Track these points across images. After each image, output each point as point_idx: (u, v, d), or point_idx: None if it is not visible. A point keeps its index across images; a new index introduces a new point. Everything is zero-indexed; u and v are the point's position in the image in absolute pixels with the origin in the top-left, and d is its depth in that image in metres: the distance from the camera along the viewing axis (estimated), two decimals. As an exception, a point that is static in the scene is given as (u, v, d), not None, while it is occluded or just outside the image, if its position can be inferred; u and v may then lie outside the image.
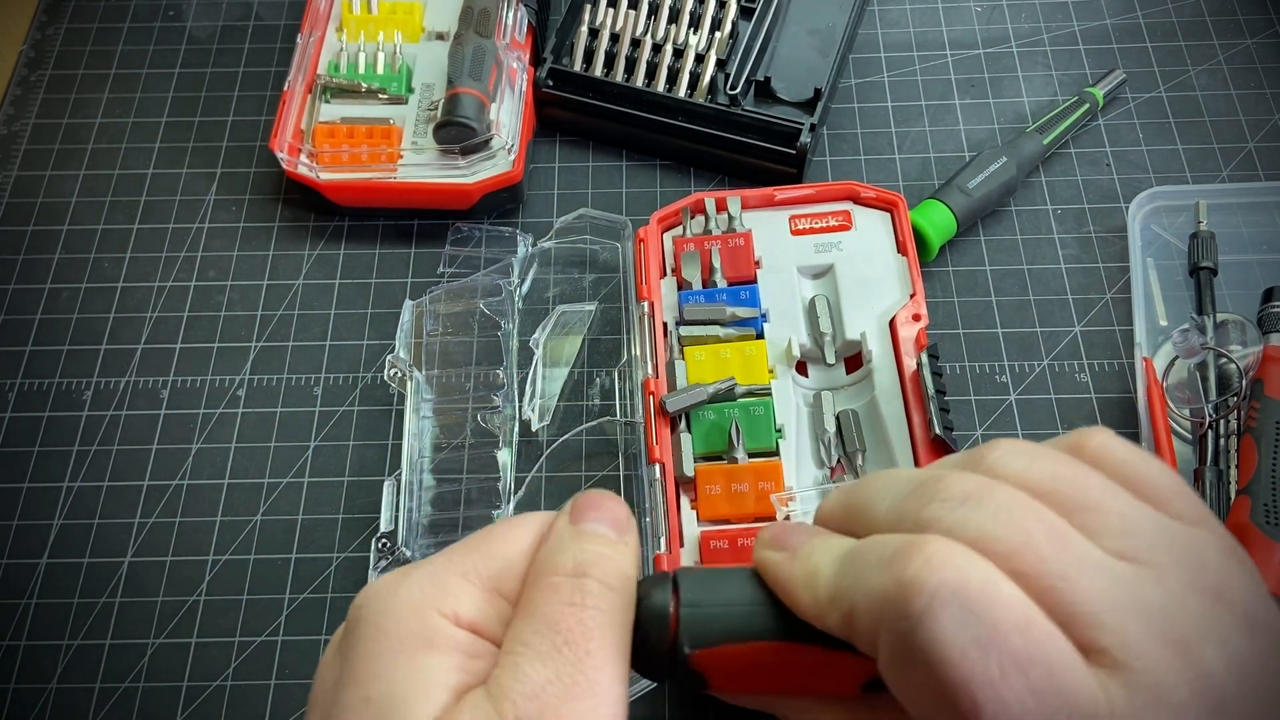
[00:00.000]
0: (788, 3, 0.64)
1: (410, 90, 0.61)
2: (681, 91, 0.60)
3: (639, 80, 0.60)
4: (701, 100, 0.59)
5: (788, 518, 0.47)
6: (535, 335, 0.55)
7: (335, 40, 0.62)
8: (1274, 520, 0.46)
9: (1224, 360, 0.52)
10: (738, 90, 0.59)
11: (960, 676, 0.20)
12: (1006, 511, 0.22)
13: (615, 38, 0.61)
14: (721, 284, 0.53)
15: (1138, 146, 0.61)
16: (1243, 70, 0.64)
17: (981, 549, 0.21)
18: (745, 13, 0.62)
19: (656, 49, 0.61)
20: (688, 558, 0.47)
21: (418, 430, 0.53)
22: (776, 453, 0.49)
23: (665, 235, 0.56)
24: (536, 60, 0.62)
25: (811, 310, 0.53)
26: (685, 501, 0.49)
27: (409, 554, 0.49)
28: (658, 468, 0.49)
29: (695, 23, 0.62)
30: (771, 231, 0.55)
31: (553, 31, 0.62)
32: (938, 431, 0.48)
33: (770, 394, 0.50)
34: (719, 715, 0.47)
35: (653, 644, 0.25)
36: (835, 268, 0.54)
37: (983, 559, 0.21)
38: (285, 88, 0.60)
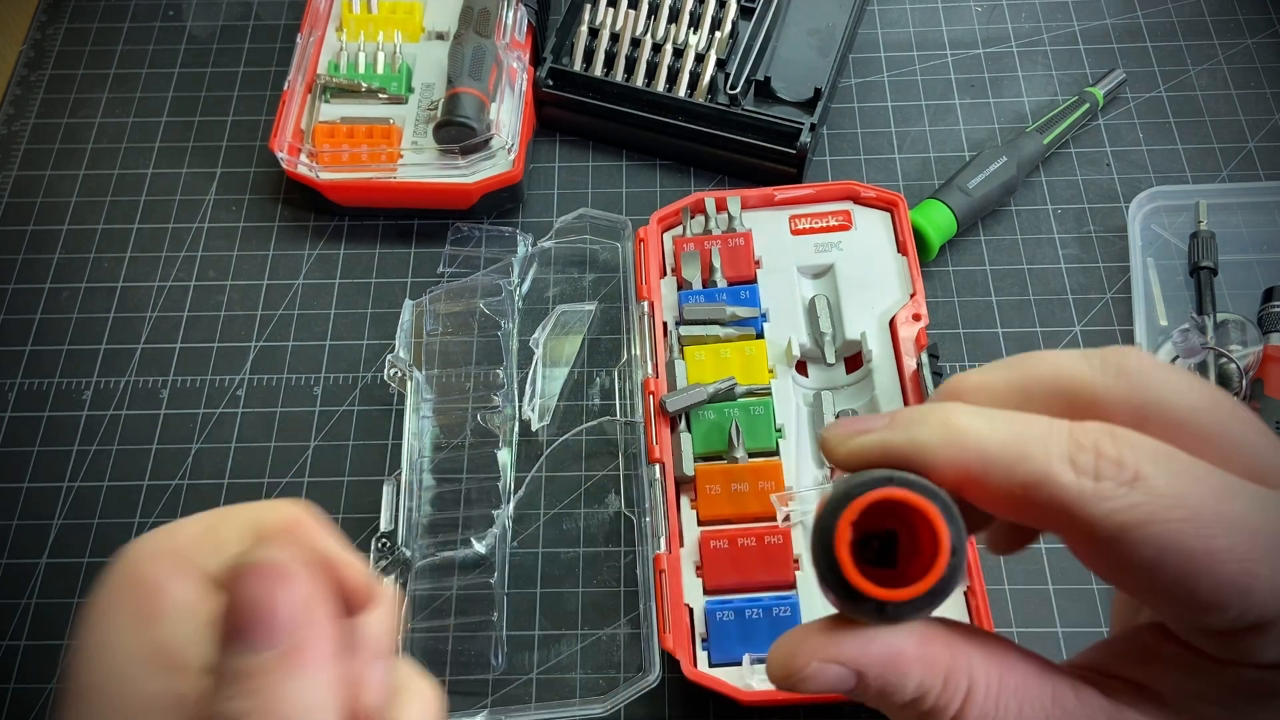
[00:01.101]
0: (788, 3, 0.64)
1: (410, 90, 0.61)
2: (681, 91, 0.60)
3: (639, 80, 0.60)
4: (701, 100, 0.59)
5: (787, 518, 0.47)
6: (535, 335, 0.55)
7: (335, 40, 0.62)
8: (1274, 520, 0.46)
9: (1224, 360, 0.52)
10: (738, 90, 0.59)
11: (1205, 393, 0.21)
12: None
13: (615, 37, 0.61)
14: (721, 284, 0.53)
15: (1138, 146, 0.61)
16: (1243, 70, 0.64)
17: None
18: (745, 13, 0.62)
19: (656, 49, 0.60)
20: (687, 558, 0.47)
21: (418, 430, 0.53)
22: (776, 452, 0.49)
23: (665, 235, 0.56)
24: (536, 60, 0.62)
25: (811, 310, 0.53)
26: (685, 501, 0.49)
27: (409, 554, 0.49)
28: (658, 468, 0.49)
29: (695, 23, 0.62)
30: (771, 231, 0.55)
31: (553, 31, 0.62)
32: (938, 431, 0.48)
33: (770, 394, 0.50)
34: (718, 714, 0.47)
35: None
36: (835, 267, 0.54)
37: None
38: (285, 88, 0.60)
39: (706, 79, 0.59)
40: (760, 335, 0.52)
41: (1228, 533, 0.20)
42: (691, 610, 0.46)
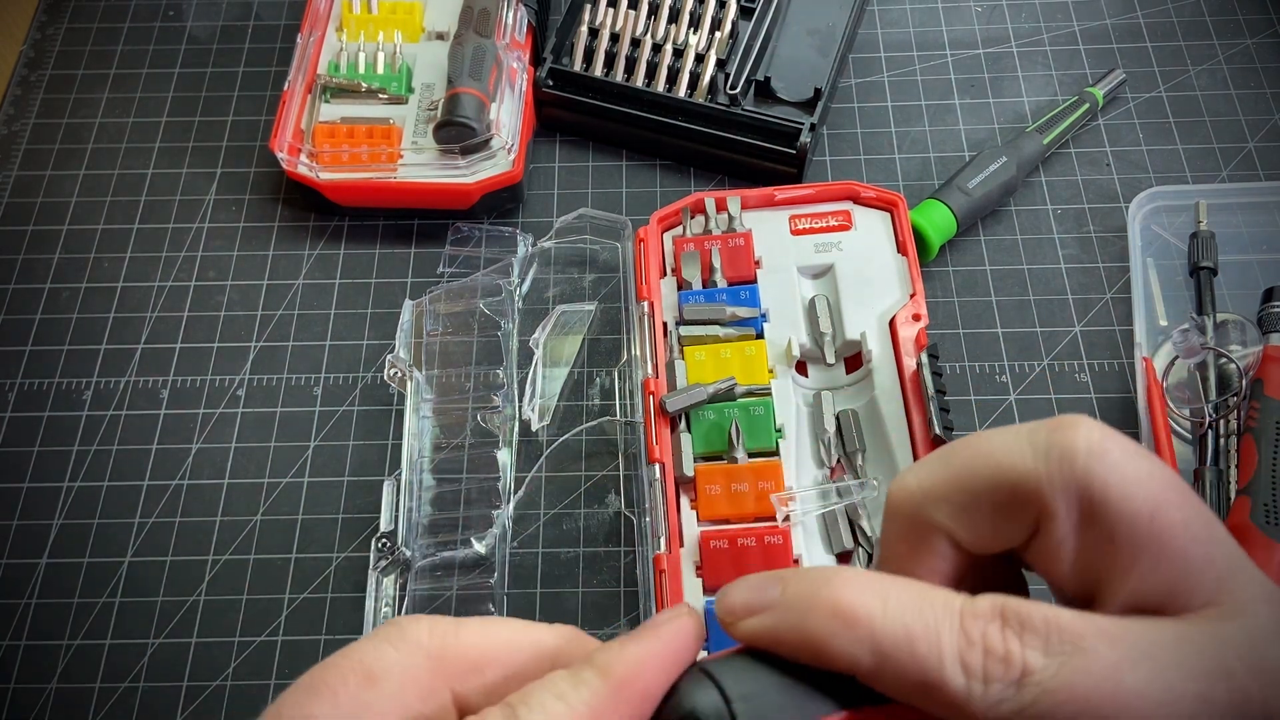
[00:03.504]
0: (788, 3, 0.64)
1: (410, 90, 0.61)
2: (681, 91, 0.60)
3: (639, 80, 0.60)
4: (701, 100, 0.59)
5: (787, 518, 0.47)
6: (535, 335, 0.55)
7: (335, 40, 0.62)
8: (1274, 520, 0.46)
9: (1224, 360, 0.52)
10: (738, 90, 0.59)
11: (1149, 495, 0.20)
12: None
13: (615, 38, 0.61)
14: (721, 284, 0.53)
15: (1138, 146, 0.61)
16: (1243, 70, 0.64)
17: None
18: (745, 13, 0.62)
19: (656, 49, 0.60)
20: (687, 558, 0.47)
21: (418, 430, 0.53)
22: (776, 453, 0.49)
23: (665, 235, 0.56)
24: (536, 60, 0.62)
25: (811, 310, 0.53)
26: (685, 501, 0.49)
27: (409, 554, 0.49)
28: (658, 468, 0.49)
29: (695, 23, 0.62)
30: (771, 231, 0.55)
31: (553, 31, 0.62)
32: (937, 431, 0.48)
33: (770, 394, 0.50)
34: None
35: None
36: (835, 267, 0.54)
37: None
38: (285, 88, 0.60)
39: (706, 79, 0.59)
40: (760, 335, 0.52)
41: (1128, 715, 0.19)
42: (691, 610, 0.46)
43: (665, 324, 0.53)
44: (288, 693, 0.22)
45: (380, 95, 0.60)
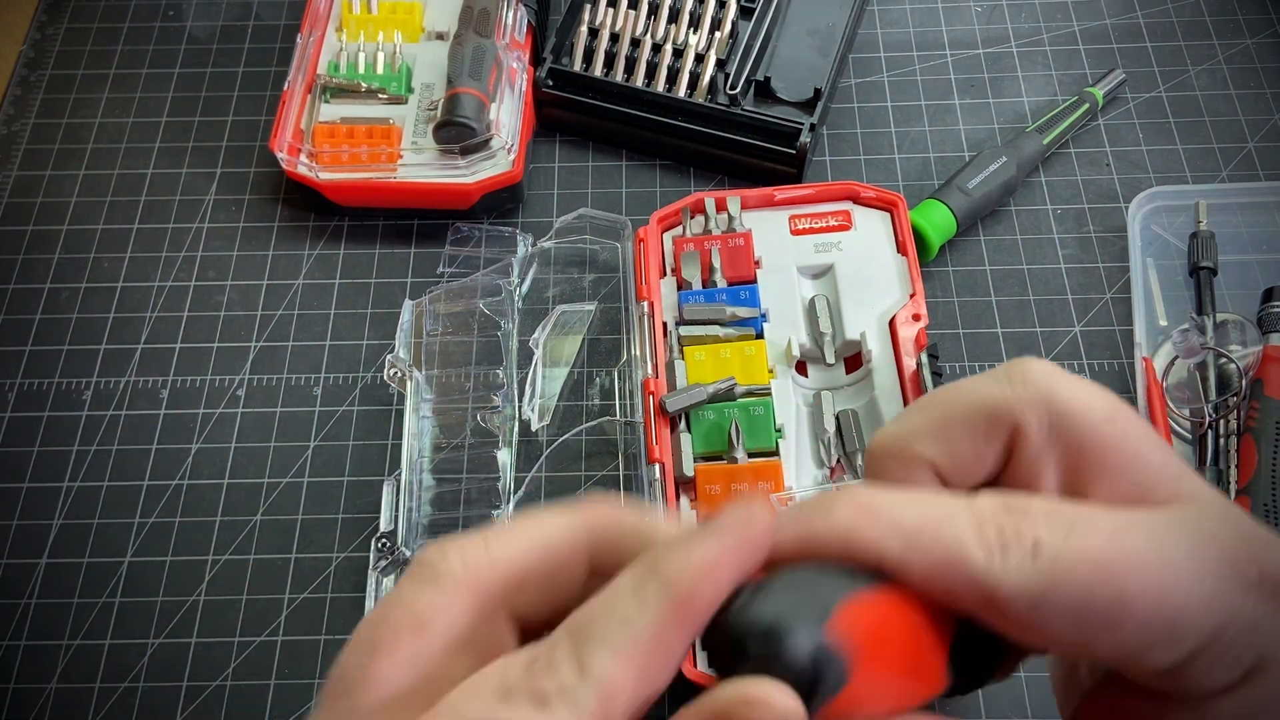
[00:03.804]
0: (788, 3, 0.64)
1: (410, 90, 0.61)
2: (681, 91, 0.60)
3: (639, 80, 0.60)
4: (701, 100, 0.59)
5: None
6: (535, 335, 0.55)
7: (335, 40, 0.62)
8: (1274, 520, 0.46)
9: (1224, 360, 0.52)
10: (738, 90, 0.59)
11: (1105, 404, 0.23)
12: None
13: (615, 37, 0.61)
14: (721, 284, 0.53)
15: (1138, 146, 0.61)
16: (1243, 70, 0.64)
17: None
18: (745, 13, 0.62)
19: (656, 49, 0.60)
20: (688, 558, 0.47)
21: (418, 430, 0.53)
22: (776, 453, 0.49)
23: (665, 235, 0.56)
24: (536, 60, 0.62)
25: (811, 310, 0.53)
26: (685, 501, 0.49)
27: (409, 554, 0.49)
28: (658, 468, 0.49)
29: (695, 23, 0.62)
30: (771, 231, 0.55)
31: (553, 31, 0.62)
32: (938, 431, 0.48)
33: (770, 394, 0.50)
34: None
35: (782, 640, 0.21)
36: (835, 268, 0.54)
37: None
38: (285, 88, 0.60)
39: (706, 79, 0.59)
40: (760, 335, 0.52)
41: (1136, 571, 0.20)
42: (691, 610, 0.46)
43: (665, 324, 0.53)
44: (346, 653, 0.22)
45: (380, 95, 0.60)
